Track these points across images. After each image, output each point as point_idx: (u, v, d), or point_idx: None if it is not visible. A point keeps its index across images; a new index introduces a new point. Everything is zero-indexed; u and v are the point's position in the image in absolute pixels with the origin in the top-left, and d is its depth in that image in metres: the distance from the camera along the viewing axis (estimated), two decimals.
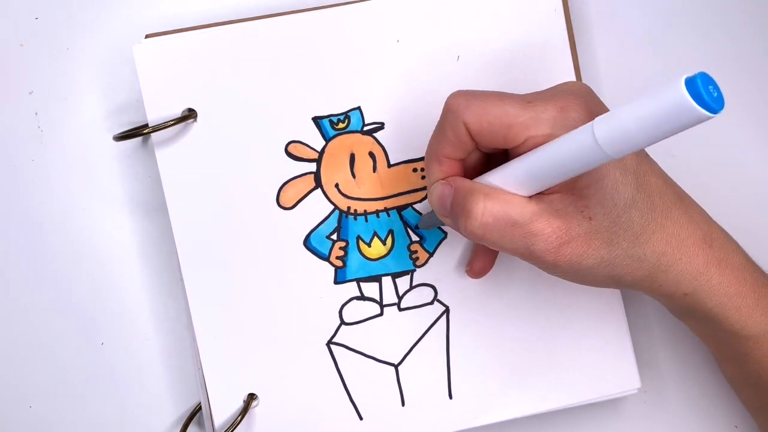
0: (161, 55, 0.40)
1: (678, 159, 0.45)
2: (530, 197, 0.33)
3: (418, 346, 0.42)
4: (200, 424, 0.44)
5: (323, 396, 0.42)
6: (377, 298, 0.42)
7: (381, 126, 0.42)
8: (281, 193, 0.41)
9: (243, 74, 0.41)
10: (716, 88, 0.24)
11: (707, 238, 0.35)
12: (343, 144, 0.42)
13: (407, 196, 0.42)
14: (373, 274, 0.42)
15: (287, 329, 0.41)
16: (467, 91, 0.34)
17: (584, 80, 0.43)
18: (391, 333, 0.42)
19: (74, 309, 0.43)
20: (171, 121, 0.40)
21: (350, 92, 0.41)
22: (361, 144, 0.42)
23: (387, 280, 0.42)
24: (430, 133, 0.41)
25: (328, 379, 0.42)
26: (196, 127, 0.41)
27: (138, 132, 0.40)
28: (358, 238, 0.42)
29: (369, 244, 0.42)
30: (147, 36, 0.41)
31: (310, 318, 0.42)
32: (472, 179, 0.35)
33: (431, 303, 0.42)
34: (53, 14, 0.43)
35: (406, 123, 0.42)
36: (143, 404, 0.44)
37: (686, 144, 0.45)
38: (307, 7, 0.41)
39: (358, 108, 0.41)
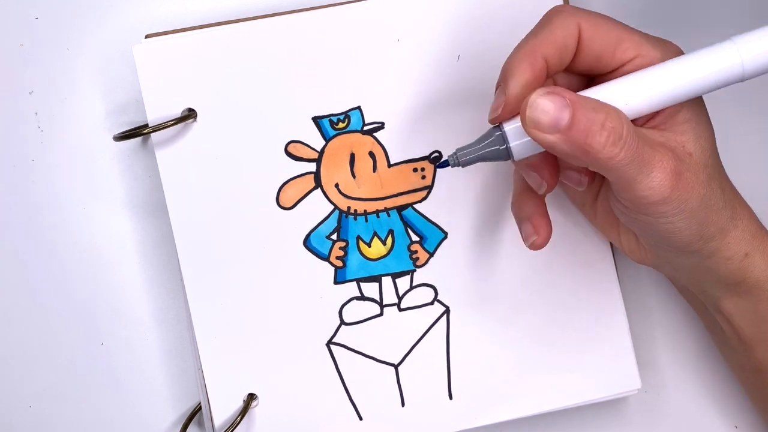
0: (161, 55, 0.40)
1: None
2: None
3: (418, 346, 0.42)
4: (200, 424, 0.44)
5: (323, 396, 0.42)
6: (377, 299, 0.42)
7: (381, 126, 0.42)
8: (281, 193, 0.41)
9: (243, 74, 0.41)
10: None
11: (744, 203, 0.36)
12: (343, 144, 0.42)
13: (407, 196, 0.42)
14: (373, 274, 0.42)
15: (287, 329, 0.41)
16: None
17: None
18: (391, 333, 0.42)
19: (74, 309, 0.43)
20: (171, 121, 0.40)
21: (350, 92, 0.41)
22: (361, 144, 0.42)
23: (387, 280, 0.42)
24: (431, 133, 0.42)
25: (328, 380, 0.42)
26: (196, 127, 0.41)
27: (138, 132, 0.40)
28: (358, 238, 0.42)
29: (369, 244, 0.42)
30: (147, 36, 0.41)
31: (310, 318, 0.42)
32: None
33: (431, 303, 0.42)
34: (53, 14, 0.43)
35: (407, 123, 0.42)
36: (143, 404, 0.44)
37: None
38: (307, 7, 0.41)
39: (358, 108, 0.41)
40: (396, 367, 0.42)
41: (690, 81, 0.30)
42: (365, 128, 0.42)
